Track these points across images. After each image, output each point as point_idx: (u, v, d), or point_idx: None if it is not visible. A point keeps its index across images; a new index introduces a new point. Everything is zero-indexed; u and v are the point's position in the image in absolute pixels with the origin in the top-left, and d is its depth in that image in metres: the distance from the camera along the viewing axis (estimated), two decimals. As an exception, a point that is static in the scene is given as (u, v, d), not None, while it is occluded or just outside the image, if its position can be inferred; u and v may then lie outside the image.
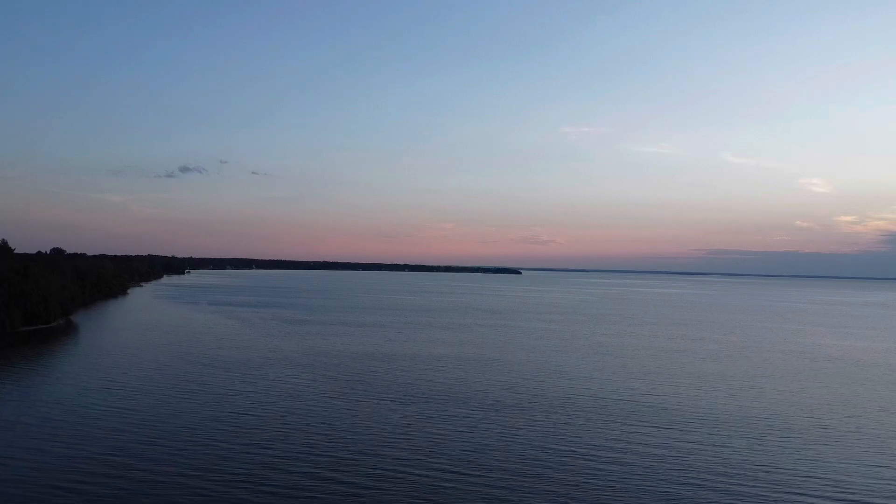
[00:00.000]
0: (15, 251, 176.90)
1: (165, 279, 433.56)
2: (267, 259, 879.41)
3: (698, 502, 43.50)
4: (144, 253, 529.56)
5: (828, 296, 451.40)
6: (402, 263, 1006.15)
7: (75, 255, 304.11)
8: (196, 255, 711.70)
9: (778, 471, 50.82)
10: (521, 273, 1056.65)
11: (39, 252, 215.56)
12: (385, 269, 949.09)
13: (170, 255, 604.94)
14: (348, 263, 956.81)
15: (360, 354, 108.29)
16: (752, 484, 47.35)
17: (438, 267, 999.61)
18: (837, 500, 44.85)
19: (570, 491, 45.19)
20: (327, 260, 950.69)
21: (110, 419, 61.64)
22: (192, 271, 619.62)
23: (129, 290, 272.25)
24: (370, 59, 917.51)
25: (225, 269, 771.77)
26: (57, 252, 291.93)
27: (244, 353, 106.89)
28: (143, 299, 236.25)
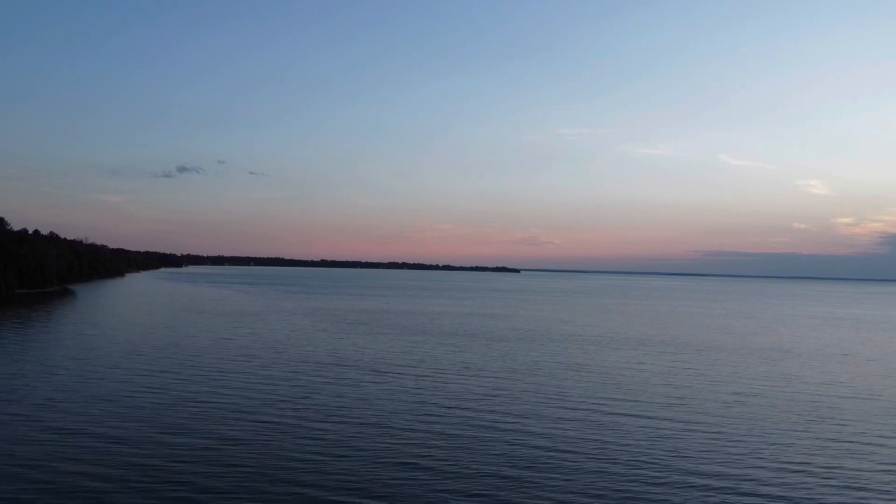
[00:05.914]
0: (11, 228, 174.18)
1: (163, 269, 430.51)
2: (265, 258, 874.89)
3: (717, 420, 41.42)
4: (142, 251, 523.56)
5: (827, 289, 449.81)
6: (399, 262, 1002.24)
7: (73, 240, 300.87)
8: (194, 254, 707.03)
9: (803, 384, 48.78)
10: (519, 272, 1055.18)
11: (37, 231, 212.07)
12: (383, 269, 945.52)
13: (168, 253, 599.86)
14: (347, 262, 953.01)
15: (359, 310, 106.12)
16: (783, 401, 45.29)
17: (437, 266, 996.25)
18: (872, 416, 42.78)
19: (583, 404, 43.19)
20: (325, 259, 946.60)
21: (96, 351, 59.52)
22: (189, 266, 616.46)
23: (126, 275, 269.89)
24: (369, 63, 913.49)
25: (223, 265, 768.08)
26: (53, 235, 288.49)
27: (241, 307, 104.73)
28: (141, 279, 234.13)
